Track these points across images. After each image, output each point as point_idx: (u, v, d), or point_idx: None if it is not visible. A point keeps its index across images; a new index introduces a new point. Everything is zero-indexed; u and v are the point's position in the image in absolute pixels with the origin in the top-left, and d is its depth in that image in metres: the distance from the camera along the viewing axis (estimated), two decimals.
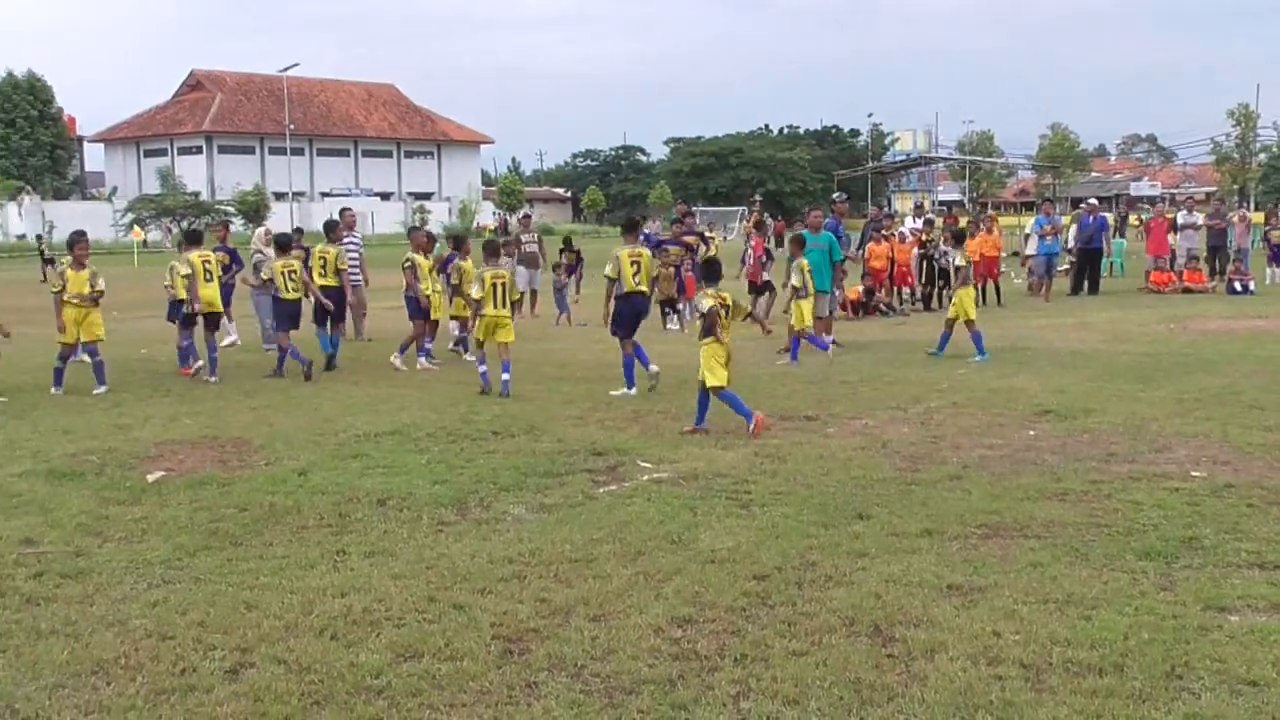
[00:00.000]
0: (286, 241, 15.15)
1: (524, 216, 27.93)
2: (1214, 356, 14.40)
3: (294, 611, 5.67)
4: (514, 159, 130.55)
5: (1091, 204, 27.45)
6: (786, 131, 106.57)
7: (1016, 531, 6.87)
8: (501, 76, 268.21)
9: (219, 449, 9.68)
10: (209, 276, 14.42)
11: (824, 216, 17.49)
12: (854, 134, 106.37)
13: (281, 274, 14.24)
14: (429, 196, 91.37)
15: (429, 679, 4.86)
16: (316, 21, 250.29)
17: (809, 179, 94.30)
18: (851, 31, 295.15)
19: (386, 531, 7.08)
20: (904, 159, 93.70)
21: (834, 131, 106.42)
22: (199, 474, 8.68)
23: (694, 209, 33.31)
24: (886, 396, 11.85)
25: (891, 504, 7.52)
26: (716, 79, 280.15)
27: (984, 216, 26.09)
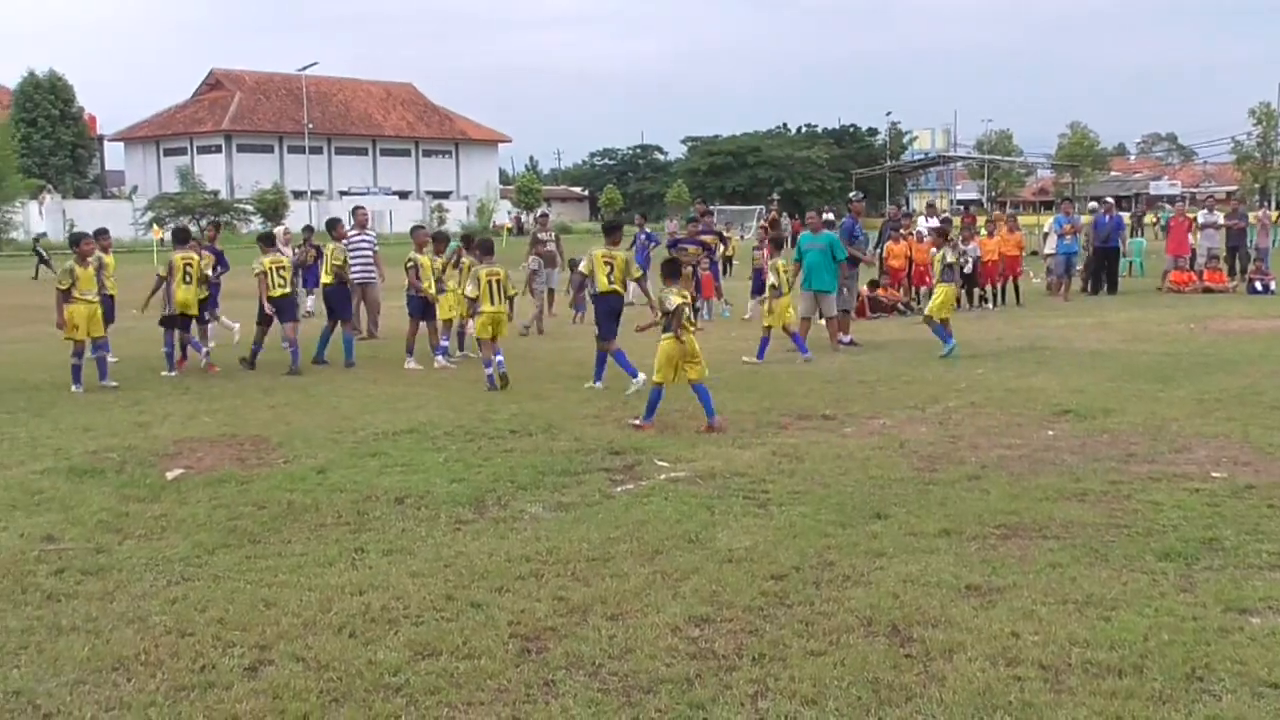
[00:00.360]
0: (270, 239, 15.45)
1: (541, 215, 27.95)
2: (1234, 356, 14.31)
3: (312, 609, 5.69)
4: (531, 158, 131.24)
5: (1107, 202, 27.10)
6: (804, 130, 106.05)
7: (1035, 532, 6.85)
8: (520, 75, 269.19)
9: (238, 447, 9.73)
10: (188, 278, 14.47)
11: (821, 217, 18.06)
12: (872, 133, 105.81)
13: (270, 270, 14.50)
14: (447, 195, 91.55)
15: (447, 677, 4.87)
16: (334, 21, 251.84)
17: (827, 178, 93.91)
18: (870, 30, 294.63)
19: (404, 530, 7.10)
20: (922, 158, 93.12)
21: (852, 130, 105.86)
22: (218, 471, 8.73)
23: (711, 208, 33.25)
24: (904, 396, 11.83)
25: (909, 504, 7.50)
26: (734, 78, 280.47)
27: (993, 217, 25.82)
